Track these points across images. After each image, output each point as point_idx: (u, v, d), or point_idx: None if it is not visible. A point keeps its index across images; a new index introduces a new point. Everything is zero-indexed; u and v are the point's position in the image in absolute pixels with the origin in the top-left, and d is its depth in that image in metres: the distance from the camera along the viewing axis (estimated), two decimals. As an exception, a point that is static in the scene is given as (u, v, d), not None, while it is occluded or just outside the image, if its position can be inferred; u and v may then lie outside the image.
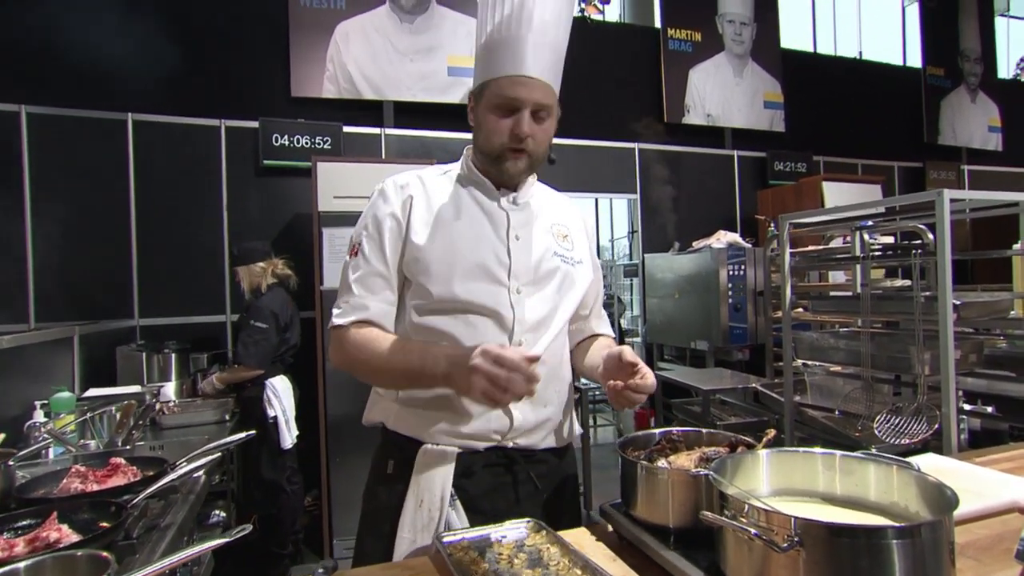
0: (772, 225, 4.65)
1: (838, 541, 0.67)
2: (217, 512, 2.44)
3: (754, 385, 2.55)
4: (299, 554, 3.09)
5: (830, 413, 2.02)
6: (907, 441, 1.62)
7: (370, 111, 4.19)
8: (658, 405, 3.36)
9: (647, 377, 1.05)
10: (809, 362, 2.14)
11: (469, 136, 1.18)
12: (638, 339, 5.42)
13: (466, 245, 1.08)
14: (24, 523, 1.12)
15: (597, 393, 5.21)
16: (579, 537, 1.06)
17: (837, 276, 3.68)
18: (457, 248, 1.07)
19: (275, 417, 2.83)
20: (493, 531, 1.03)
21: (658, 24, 5.26)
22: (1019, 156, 6.75)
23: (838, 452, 0.85)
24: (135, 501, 1.21)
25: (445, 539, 0.98)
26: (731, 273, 4.06)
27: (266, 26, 3.98)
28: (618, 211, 7.09)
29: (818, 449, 0.87)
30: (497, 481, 1.10)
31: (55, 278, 3.42)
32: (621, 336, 5.49)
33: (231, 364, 3.29)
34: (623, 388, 1.05)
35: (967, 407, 1.91)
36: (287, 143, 3.86)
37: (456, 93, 4.33)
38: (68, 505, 1.16)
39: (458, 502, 1.05)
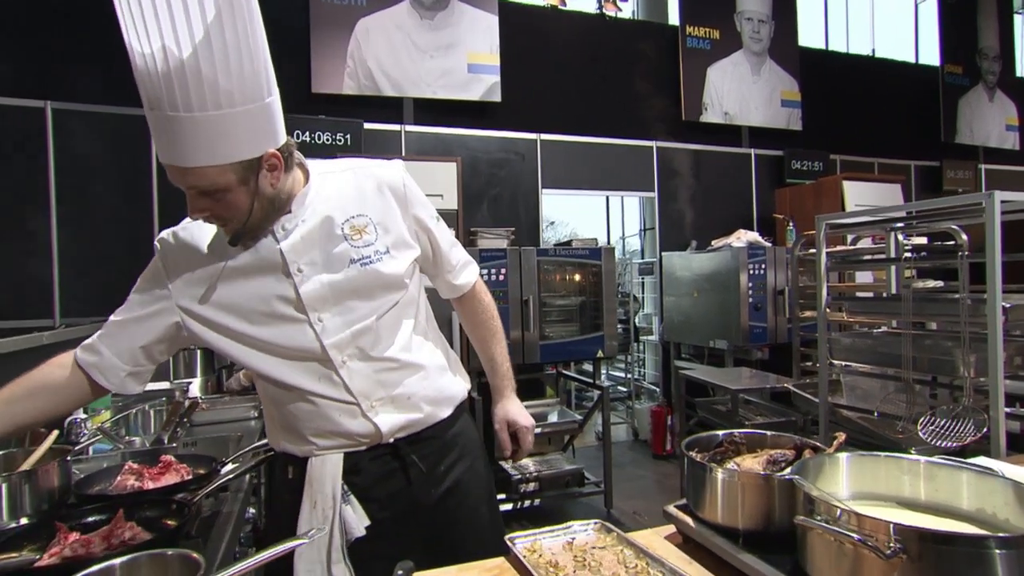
0: (791, 224, 4.65)
1: (942, 549, 0.67)
2: (249, 509, 2.44)
3: (786, 385, 2.54)
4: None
5: (867, 414, 2.01)
6: (953, 444, 1.61)
7: (390, 108, 4.18)
8: (679, 403, 3.35)
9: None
10: (845, 363, 2.13)
11: (490, 133, 1.15)
12: (652, 337, 5.43)
13: (251, 298, 1.03)
14: (91, 519, 1.13)
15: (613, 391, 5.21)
16: (646, 538, 1.06)
17: (862, 277, 3.67)
18: (244, 303, 1.03)
19: (303, 413, 2.84)
20: (562, 532, 1.03)
21: (672, 20, 5.24)
22: (1036, 155, 6.72)
23: (922, 457, 0.85)
24: (195, 499, 1.21)
25: (518, 542, 0.98)
26: (751, 272, 4.06)
27: (287, 22, 3.98)
28: (629, 209, 7.08)
29: (902, 454, 0.87)
30: (386, 468, 1.11)
31: (79, 275, 3.43)
32: (636, 333, 5.49)
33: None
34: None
35: (1006, 410, 1.90)
36: (308, 139, 3.86)
37: (476, 90, 4.32)
38: (132, 502, 1.17)
39: (352, 496, 1.07)
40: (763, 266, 4.10)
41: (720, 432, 1.17)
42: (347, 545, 1.05)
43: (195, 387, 3.02)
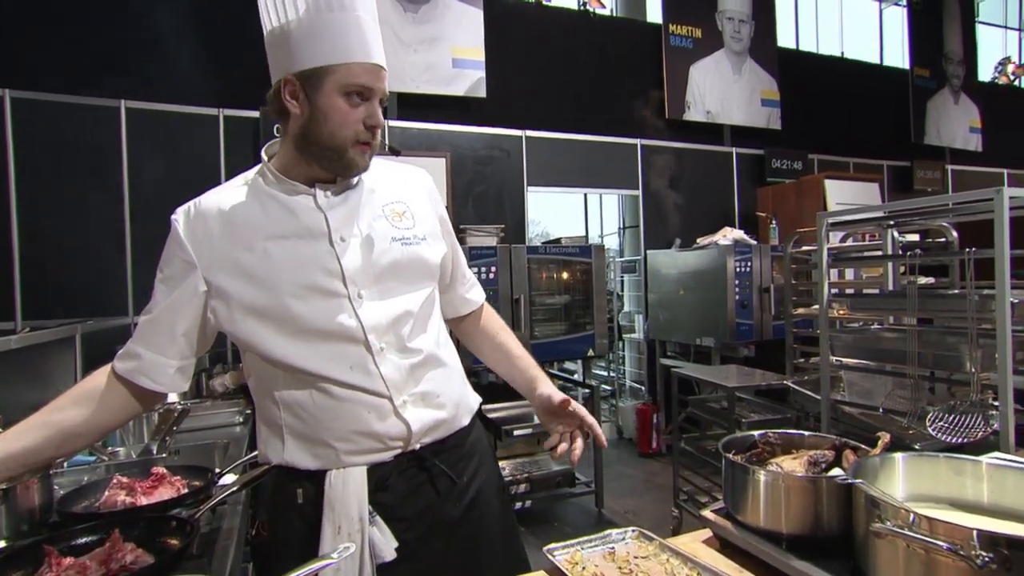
0: (774, 222, 4.70)
1: (1030, 555, 0.64)
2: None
3: (786, 382, 2.55)
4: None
5: (871, 411, 2.02)
6: (962, 440, 1.62)
7: (373, 102, 4.07)
8: (671, 401, 3.34)
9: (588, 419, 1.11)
10: (845, 359, 2.14)
11: (475, 129, 1.09)
12: (635, 335, 5.43)
13: (286, 267, 0.95)
14: (82, 541, 1.03)
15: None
16: (686, 545, 1.02)
17: (848, 274, 3.73)
18: (280, 275, 0.95)
19: (290, 419, 2.73)
20: (600, 542, 0.98)
21: (652, 18, 5.26)
22: (997, 157, 6.97)
23: (983, 458, 0.83)
24: (198, 515, 1.12)
25: (558, 555, 0.93)
26: (738, 270, 4.08)
27: (265, 12, 3.83)
28: (608, 207, 7.08)
29: (962, 455, 0.84)
30: (413, 483, 1.03)
31: (42, 274, 3.24)
32: (619, 333, 5.49)
33: (235, 367, 3.16)
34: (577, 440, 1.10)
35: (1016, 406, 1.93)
36: (288, 134, 3.72)
37: (461, 85, 4.24)
38: (126, 520, 1.07)
39: (378, 518, 0.98)
40: (749, 264, 4.14)
41: (756, 433, 1.14)
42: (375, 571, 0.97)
43: (172, 394, 2.87)
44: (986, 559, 0.64)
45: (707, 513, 1.07)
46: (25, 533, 1.12)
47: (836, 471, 0.99)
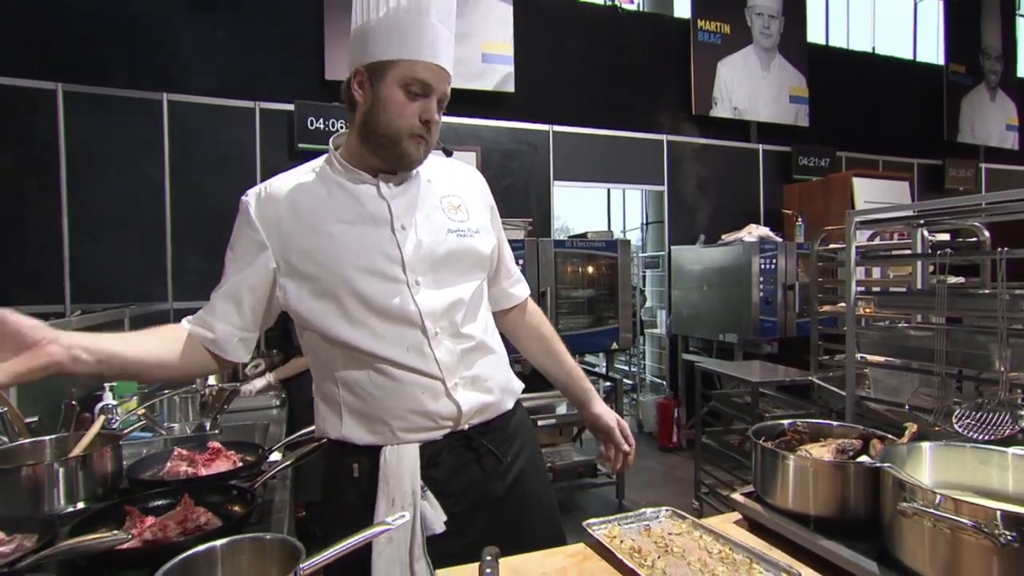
0: (800, 220, 4.68)
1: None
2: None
3: (810, 378, 2.57)
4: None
5: (896, 407, 2.04)
6: (989, 437, 1.64)
7: (403, 96, 4.14)
8: (696, 396, 3.37)
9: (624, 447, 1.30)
10: (873, 357, 2.15)
11: (503, 124, 1.15)
12: (657, 330, 5.45)
13: (351, 251, 1.02)
14: (154, 504, 1.12)
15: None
16: (716, 525, 1.07)
17: (876, 272, 3.71)
18: (343, 257, 1.01)
19: (324, 403, 2.81)
20: (635, 519, 1.04)
21: (679, 13, 5.24)
22: (1034, 155, 6.81)
23: (1010, 449, 0.86)
24: (256, 486, 1.21)
25: (597, 529, 0.99)
26: (763, 267, 4.08)
27: (300, 8, 3.93)
28: (630, 202, 7.08)
29: (991, 446, 0.88)
30: (461, 461, 1.10)
31: (89, 260, 3.38)
32: (641, 327, 5.51)
33: (267, 352, 3.25)
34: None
35: (1032, 403, 1.93)
36: (322, 127, 3.82)
37: (490, 79, 4.30)
38: (192, 488, 1.16)
39: (429, 493, 1.04)
40: (774, 261, 4.13)
41: (785, 422, 1.18)
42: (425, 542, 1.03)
43: (211, 376, 2.98)
44: (1009, 538, 0.68)
45: (737, 496, 1.12)
46: (100, 496, 1.21)
47: (863, 458, 1.03)
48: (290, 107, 3.79)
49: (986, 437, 1.65)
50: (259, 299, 1.05)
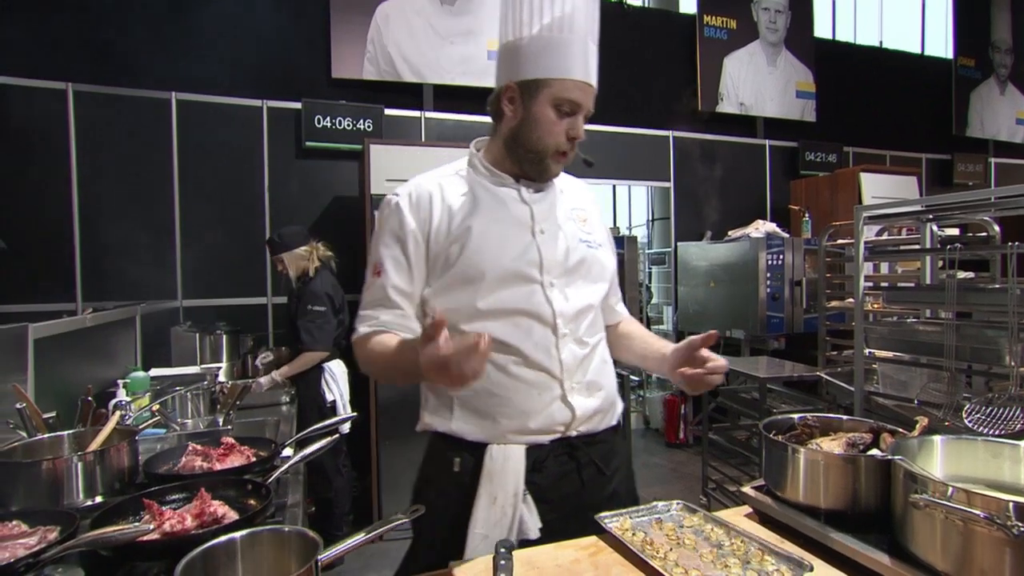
0: (807, 216, 4.66)
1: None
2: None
3: (818, 374, 2.57)
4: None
5: (905, 403, 2.04)
6: (1000, 432, 1.64)
7: (409, 94, 4.16)
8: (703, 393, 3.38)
9: (720, 360, 1.10)
10: (878, 352, 2.15)
11: None
12: (663, 326, 5.45)
13: (493, 250, 1.07)
14: (171, 498, 1.13)
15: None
16: (729, 517, 1.08)
17: (884, 268, 3.70)
18: (485, 256, 1.06)
19: (333, 401, 2.84)
20: (647, 512, 1.05)
21: (685, 9, 5.22)
22: (1044, 149, 6.75)
23: (1022, 442, 0.87)
24: (269, 480, 1.22)
25: (608, 522, 1.00)
26: (770, 262, 4.08)
27: (307, 6, 3.94)
28: (636, 198, 7.06)
29: (1001, 439, 0.88)
30: (563, 469, 1.12)
31: (100, 258, 3.41)
32: (648, 324, 5.51)
33: (276, 348, 3.27)
34: (703, 374, 1.07)
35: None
36: (329, 125, 3.83)
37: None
38: (209, 482, 1.17)
39: (530, 497, 1.06)
40: (781, 257, 4.12)
41: (796, 416, 1.19)
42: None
43: (222, 372, 3.02)
44: (1022, 529, 0.69)
45: (747, 489, 1.13)
46: (118, 491, 1.23)
47: (874, 452, 1.03)
48: (297, 105, 3.81)
49: (997, 432, 1.65)
50: (415, 288, 1.11)
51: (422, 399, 1.18)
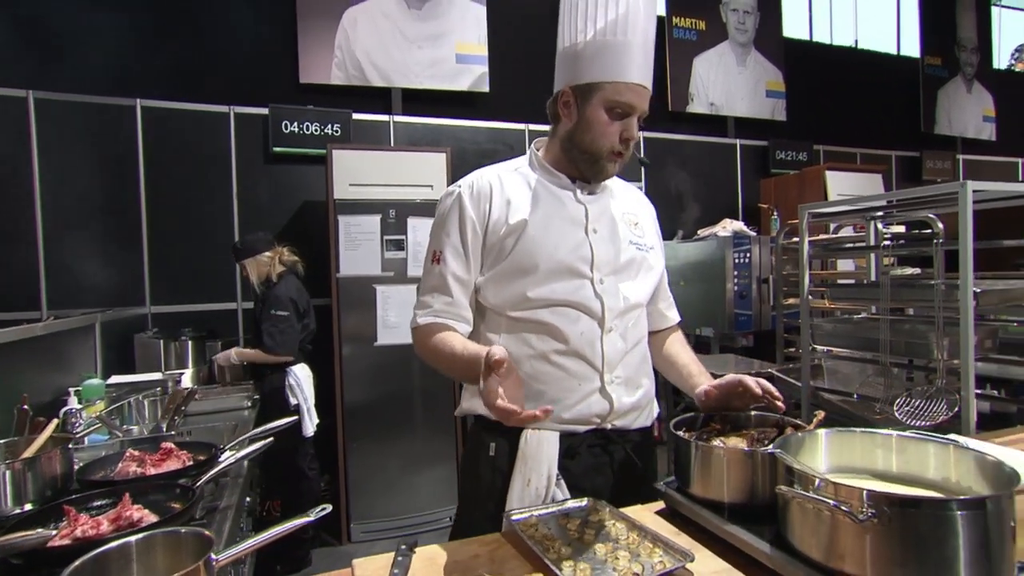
0: (775, 214, 4.73)
1: (909, 512, 0.72)
2: (245, 497, 2.48)
3: (770, 370, 2.62)
4: (318, 538, 3.15)
5: (847, 397, 2.09)
6: (926, 423, 1.69)
7: (378, 98, 4.17)
8: (667, 390, 3.43)
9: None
10: (825, 348, 2.20)
11: (478, 124, 1.22)
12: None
13: (548, 244, 1.12)
14: (97, 504, 1.15)
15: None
16: (637, 513, 1.11)
17: (845, 264, 3.77)
18: (540, 249, 1.11)
19: (297, 405, 2.87)
20: (556, 508, 1.08)
21: (662, 12, 5.27)
22: (1011, 146, 6.87)
23: (894, 432, 0.91)
24: (198, 484, 1.25)
25: (515, 517, 1.03)
26: (736, 261, 4.13)
27: (274, 11, 3.95)
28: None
29: (876, 430, 0.92)
30: (597, 461, 1.17)
31: (65, 266, 3.40)
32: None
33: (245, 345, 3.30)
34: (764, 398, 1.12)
35: (976, 391, 1.98)
36: (296, 130, 3.84)
37: (464, 80, 4.33)
38: (136, 487, 1.20)
39: (562, 481, 1.12)
40: (748, 255, 4.18)
41: (703, 413, 1.22)
42: None
43: (187, 378, 3.03)
44: (869, 514, 0.73)
45: (659, 485, 1.16)
46: (50, 498, 1.25)
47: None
48: (265, 111, 3.82)
49: (924, 423, 1.70)
50: (472, 277, 1.17)
51: (465, 388, 1.24)
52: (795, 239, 3.05)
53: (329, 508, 0.99)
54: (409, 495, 3.22)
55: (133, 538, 0.81)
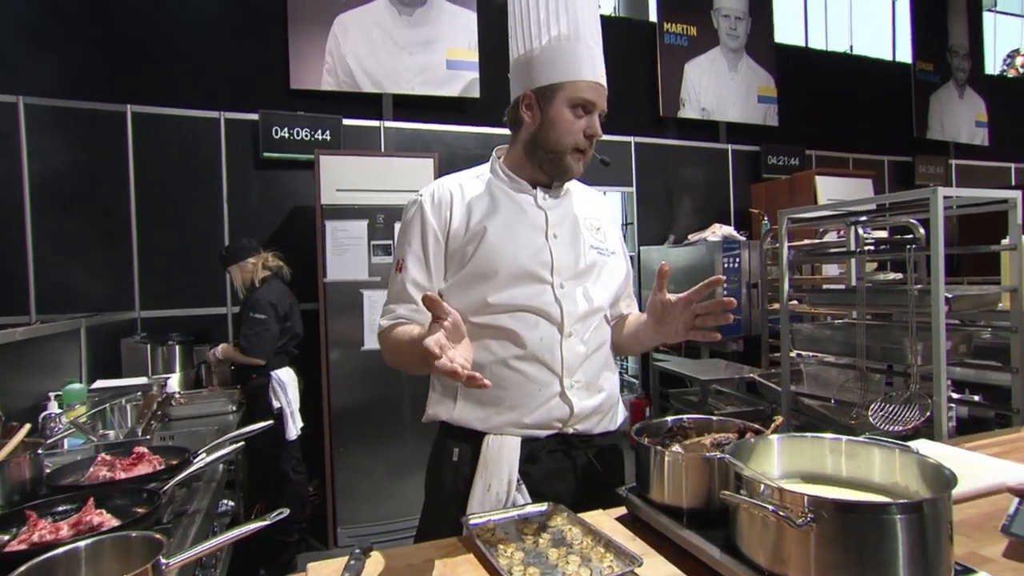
0: (766, 219, 4.74)
1: (848, 516, 0.73)
2: (225, 501, 2.48)
3: (751, 375, 2.63)
4: (304, 542, 3.14)
5: (825, 402, 2.09)
6: (900, 428, 1.69)
7: (369, 104, 4.20)
8: (655, 395, 3.43)
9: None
10: (805, 352, 2.21)
11: (468, 129, 1.23)
12: (633, 330, 5.49)
13: (508, 250, 1.13)
14: (62, 508, 1.16)
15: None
16: (597, 518, 1.12)
17: (830, 269, 3.77)
18: (500, 255, 1.13)
19: (280, 408, 2.87)
20: (516, 513, 1.08)
21: (653, 18, 5.30)
22: (1004, 151, 6.89)
23: (844, 437, 0.92)
24: (166, 488, 1.25)
25: (472, 521, 1.03)
26: (726, 266, 4.14)
27: (265, 18, 3.97)
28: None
29: (826, 435, 0.93)
30: (558, 466, 1.17)
31: (55, 271, 3.42)
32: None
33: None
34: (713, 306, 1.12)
35: (955, 396, 1.99)
36: (287, 135, 3.86)
37: (455, 86, 4.35)
38: (103, 491, 1.20)
39: (523, 486, 1.12)
40: (737, 260, 4.19)
41: (669, 418, 1.23)
42: None
43: (174, 382, 3.04)
44: (807, 519, 0.73)
45: (620, 490, 1.16)
46: (17, 503, 1.25)
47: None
48: (255, 117, 3.84)
49: (897, 428, 1.71)
50: (433, 285, 1.18)
51: (429, 390, 1.24)
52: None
53: (287, 512, 0.99)
54: (396, 500, 3.22)
55: (83, 543, 0.81)
